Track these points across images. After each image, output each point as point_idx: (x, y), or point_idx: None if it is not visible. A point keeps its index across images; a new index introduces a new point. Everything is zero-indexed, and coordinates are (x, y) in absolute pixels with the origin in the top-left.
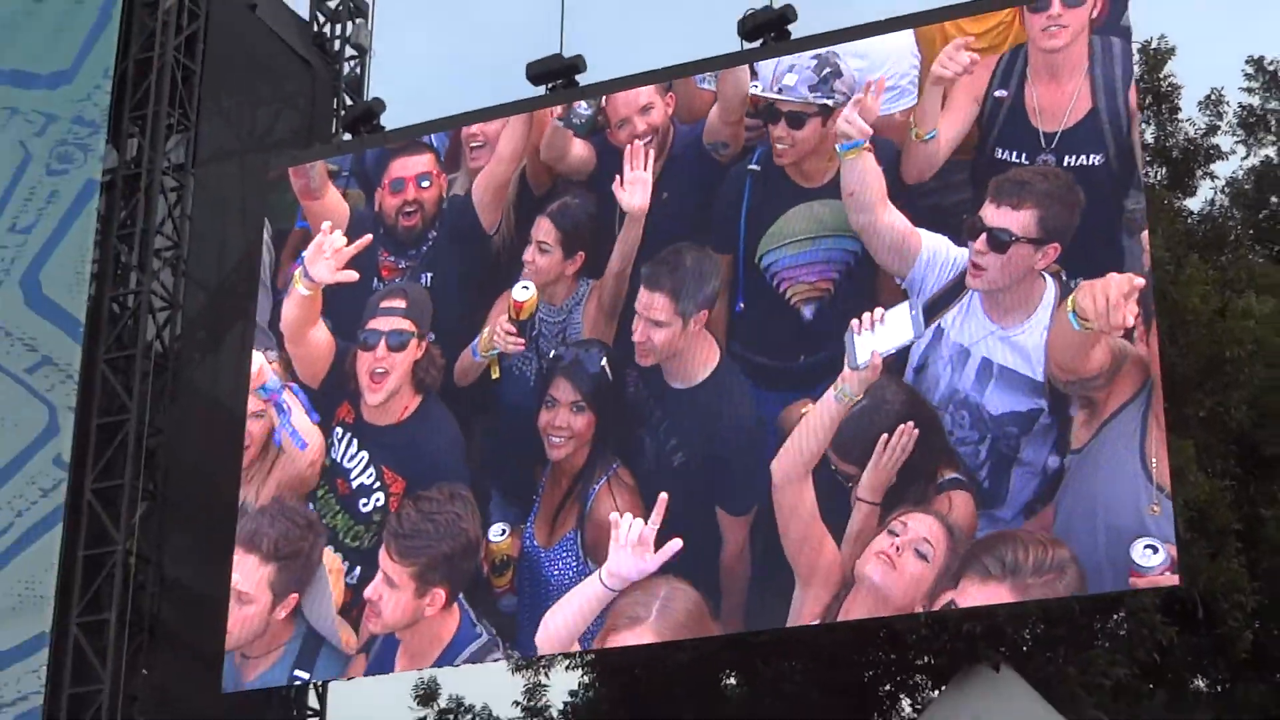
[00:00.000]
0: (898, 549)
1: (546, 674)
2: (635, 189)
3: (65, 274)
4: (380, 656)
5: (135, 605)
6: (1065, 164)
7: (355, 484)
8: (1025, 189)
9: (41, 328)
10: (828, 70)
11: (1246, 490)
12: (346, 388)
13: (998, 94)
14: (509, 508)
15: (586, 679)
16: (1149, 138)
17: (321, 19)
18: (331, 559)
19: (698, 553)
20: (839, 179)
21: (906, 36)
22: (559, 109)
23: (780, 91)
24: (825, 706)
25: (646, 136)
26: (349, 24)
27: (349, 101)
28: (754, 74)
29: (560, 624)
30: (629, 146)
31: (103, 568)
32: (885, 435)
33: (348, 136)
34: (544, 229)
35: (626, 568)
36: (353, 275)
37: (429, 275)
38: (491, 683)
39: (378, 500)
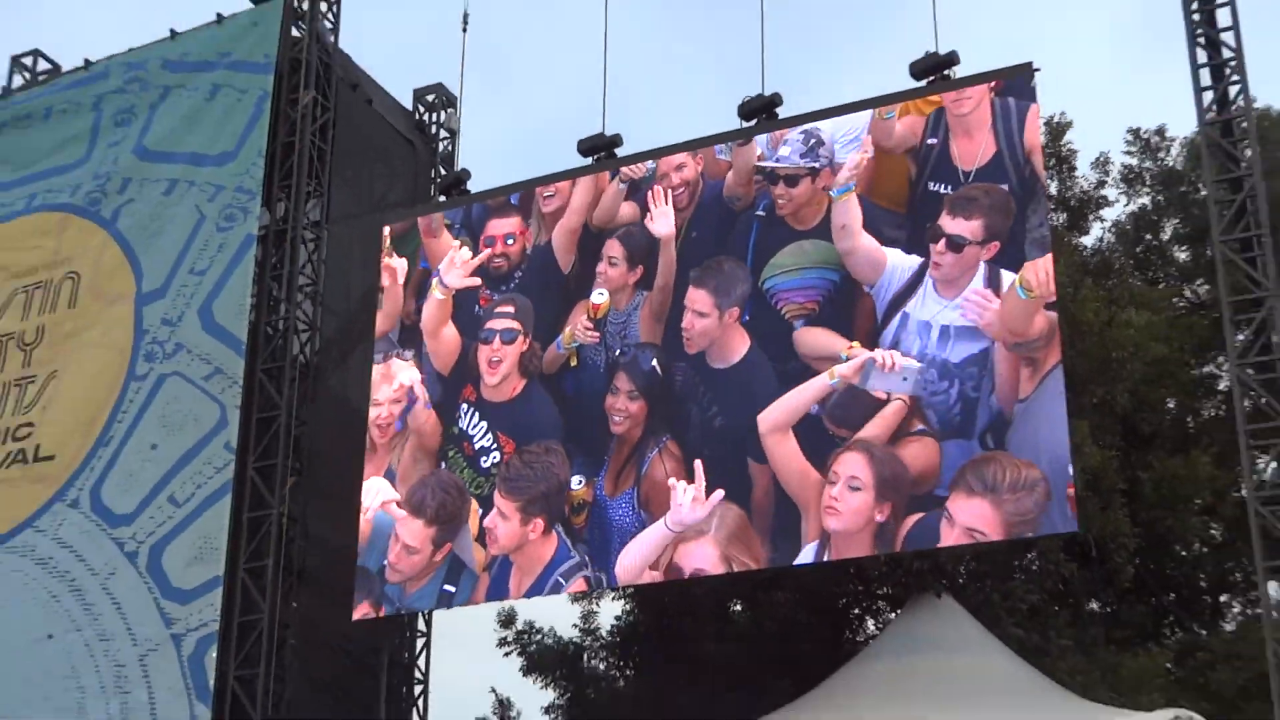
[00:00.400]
0: (836, 495)
1: (597, 603)
2: (660, 220)
3: (232, 305)
4: (498, 578)
5: (286, 555)
6: None
7: (478, 446)
8: (974, 204)
9: (214, 346)
10: (813, 141)
11: (1128, 459)
12: (470, 374)
13: (930, 141)
14: (585, 464)
15: (628, 607)
16: (1053, 190)
17: (421, 110)
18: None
19: (735, 492)
20: (826, 222)
21: (864, 116)
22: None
23: (778, 161)
24: (808, 625)
25: (679, 188)
26: (442, 113)
27: (443, 172)
28: (758, 146)
29: (632, 561)
30: (650, 190)
31: (261, 526)
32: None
33: (442, 198)
34: (614, 248)
35: (686, 516)
36: (476, 281)
37: (523, 295)
38: (555, 611)
39: (495, 458)
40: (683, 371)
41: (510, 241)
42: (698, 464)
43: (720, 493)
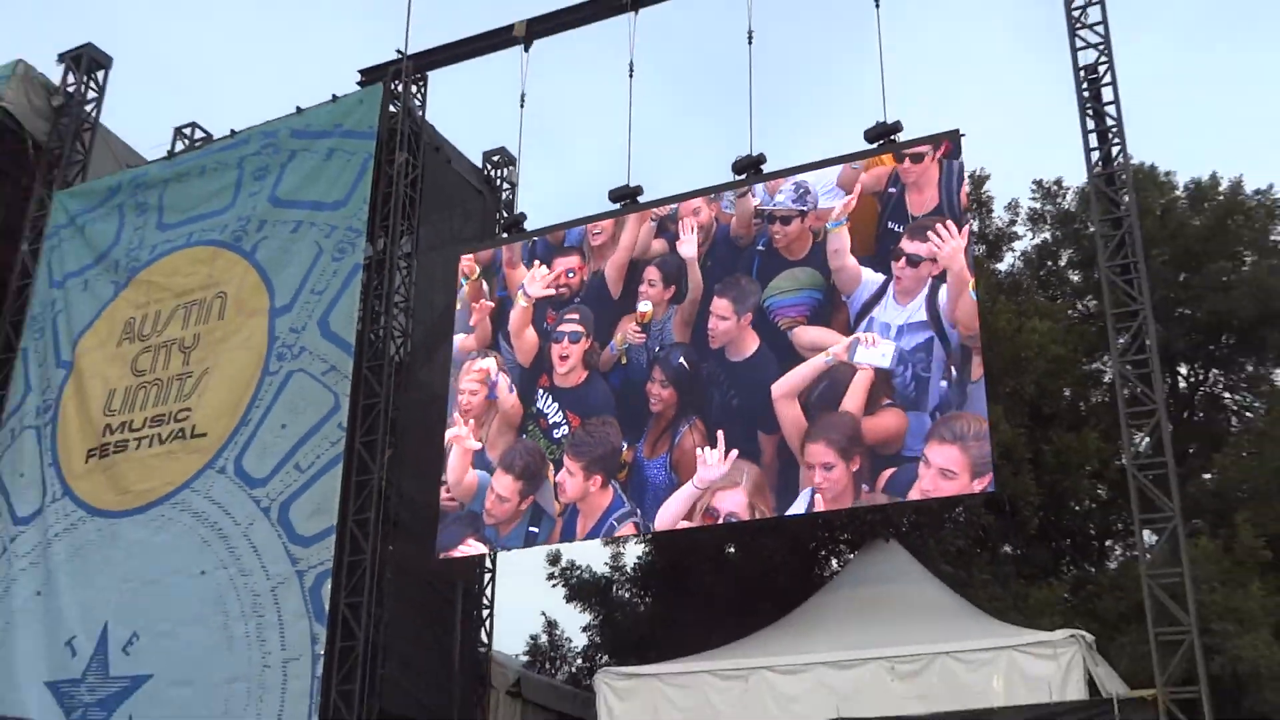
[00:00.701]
0: (818, 480)
1: (623, 547)
2: (687, 245)
3: (343, 317)
4: (568, 523)
5: (384, 509)
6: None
7: (551, 421)
8: (926, 230)
9: (330, 349)
10: (802, 190)
11: (1034, 435)
12: (545, 366)
13: (890, 190)
14: (630, 434)
15: (647, 549)
16: (975, 227)
17: (489, 167)
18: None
19: (749, 457)
20: (814, 253)
21: (835, 170)
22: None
23: (775, 205)
24: (786, 563)
25: (698, 227)
26: (505, 170)
27: (505, 215)
28: (756, 195)
29: (667, 513)
30: (676, 224)
31: (365, 488)
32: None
33: (504, 235)
34: (652, 273)
35: (709, 474)
36: (551, 292)
37: (586, 307)
38: (591, 552)
39: (564, 430)
40: (709, 364)
41: (571, 275)
42: (719, 434)
43: (735, 452)
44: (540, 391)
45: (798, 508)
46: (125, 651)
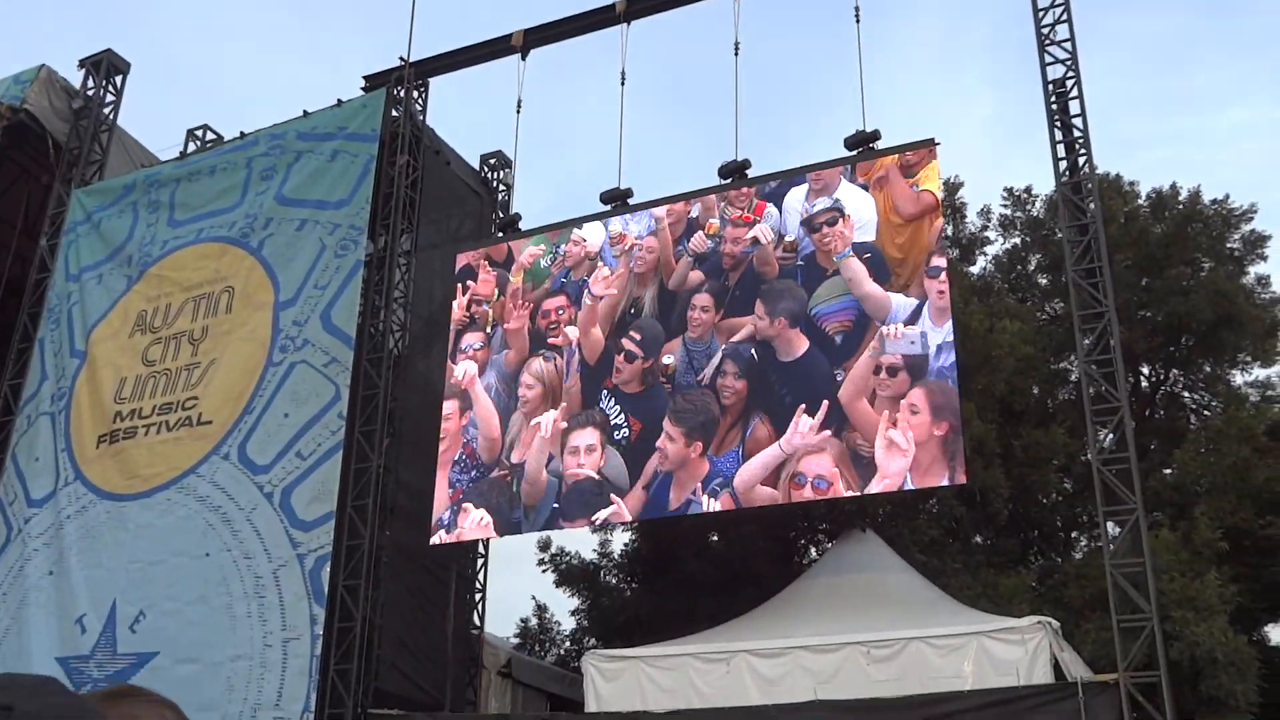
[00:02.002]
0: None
1: (610, 534)
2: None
3: (345, 311)
4: (658, 493)
5: (382, 495)
6: None
7: (613, 422)
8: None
9: (331, 341)
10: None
11: (1004, 430)
12: (609, 367)
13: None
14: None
15: (633, 537)
16: (949, 232)
17: (486, 170)
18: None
19: (837, 434)
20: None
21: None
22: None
23: (814, 210)
24: (767, 551)
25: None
26: (501, 172)
27: (501, 215)
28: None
29: (749, 474)
30: (719, 256)
31: (364, 475)
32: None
33: (500, 235)
34: (703, 299)
35: (800, 441)
36: (614, 291)
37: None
38: (579, 540)
39: (625, 433)
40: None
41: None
42: (824, 403)
43: (829, 431)
44: (604, 392)
45: (875, 487)
46: (132, 630)
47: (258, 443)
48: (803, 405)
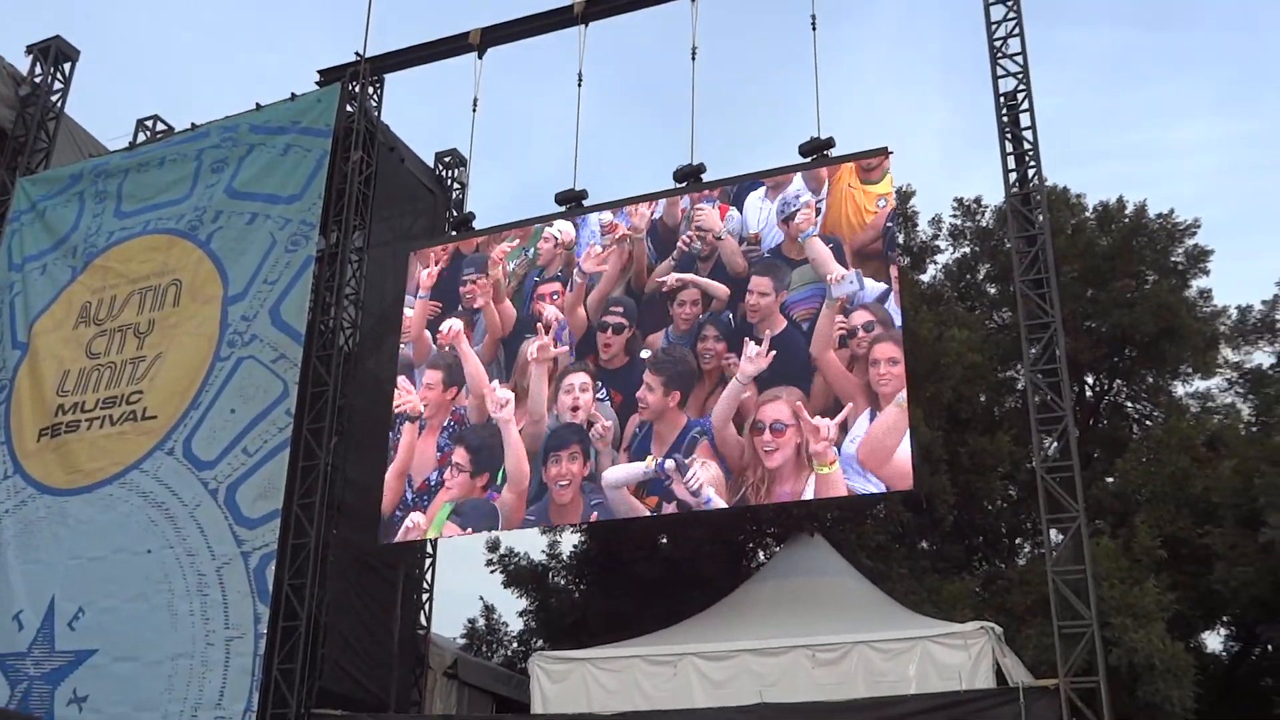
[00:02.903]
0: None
1: (559, 535)
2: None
3: (295, 307)
4: (641, 442)
5: (330, 493)
6: None
7: (597, 396)
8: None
9: (280, 337)
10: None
11: (950, 437)
12: (593, 346)
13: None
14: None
15: (582, 538)
16: (901, 240)
17: (440, 167)
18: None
19: (792, 381)
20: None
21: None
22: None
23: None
24: (714, 554)
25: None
26: (456, 170)
27: (455, 214)
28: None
29: (720, 413)
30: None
31: (311, 473)
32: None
33: (454, 233)
34: (692, 294)
35: (751, 369)
36: (606, 268)
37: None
38: (528, 541)
39: (608, 405)
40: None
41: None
42: (766, 333)
43: (775, 353)
44: (590, 365)
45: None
46: (71, 627)
47: (203, 438)
48: (747, 338)
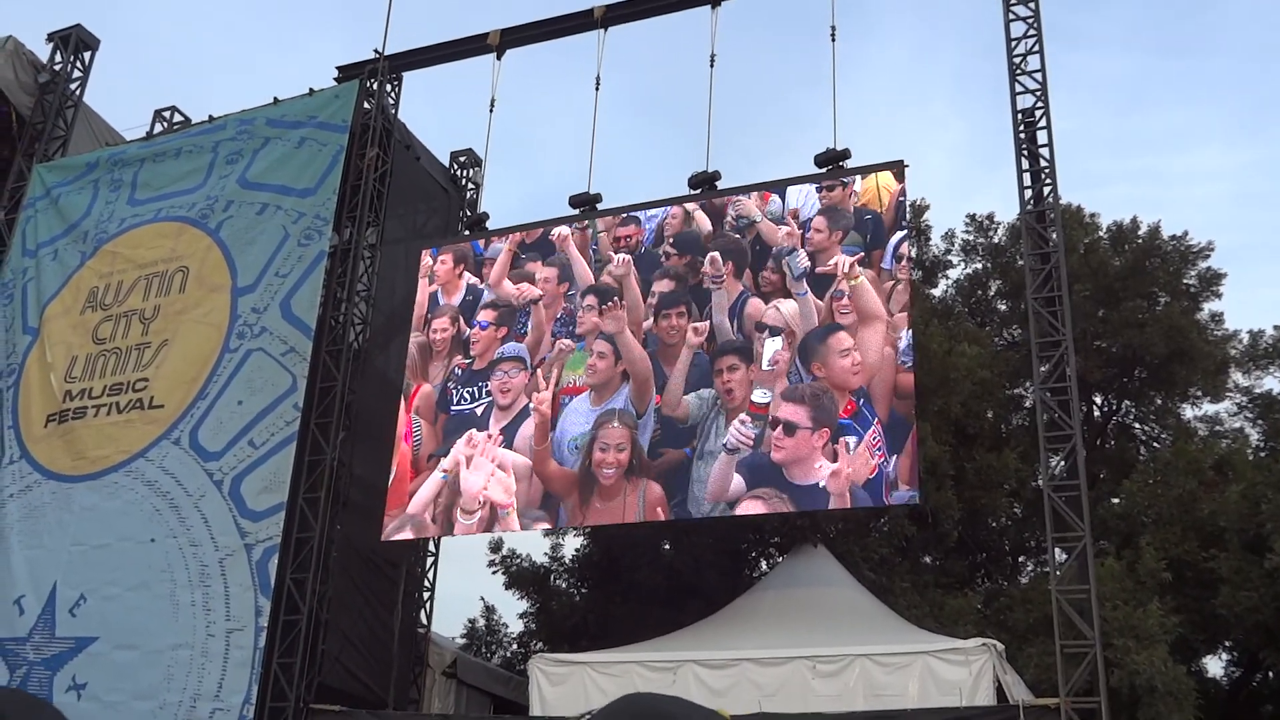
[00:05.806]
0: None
1: (562, 538)
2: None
3: (306, 301)
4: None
5: (335, 488)
6: None
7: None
8: None
9: (290, 331)
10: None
11: (957, 453)
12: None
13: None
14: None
15: (585, 541)
16: (913, 254)
17: (455, 167)
18: None
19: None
20: None
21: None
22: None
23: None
24: (717, 563)
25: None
26: (471, 170)
27: (469, 213)
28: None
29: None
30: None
31: (317, 467)
32: None
33: (467, 233)
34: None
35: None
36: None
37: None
38: (531, 543)
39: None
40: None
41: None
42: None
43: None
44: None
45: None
46: (72, 613)
47: (210, 429)
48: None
